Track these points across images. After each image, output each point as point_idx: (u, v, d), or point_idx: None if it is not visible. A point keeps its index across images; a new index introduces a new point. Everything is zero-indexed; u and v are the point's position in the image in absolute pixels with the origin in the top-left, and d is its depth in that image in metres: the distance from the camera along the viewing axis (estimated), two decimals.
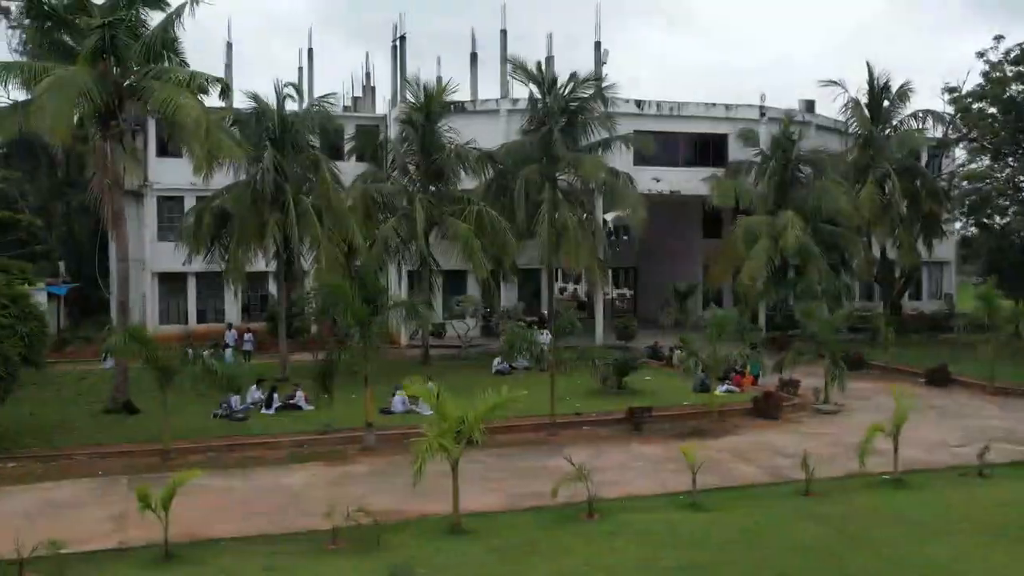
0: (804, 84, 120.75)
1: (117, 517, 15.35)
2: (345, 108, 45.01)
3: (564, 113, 34.88)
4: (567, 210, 33.07)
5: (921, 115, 39.42)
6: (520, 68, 34.44)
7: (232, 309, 40.67)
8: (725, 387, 27.12)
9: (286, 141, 27.66)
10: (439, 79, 32.94)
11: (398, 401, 23.99)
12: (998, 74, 36.14)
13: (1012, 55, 36.25)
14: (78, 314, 43.94)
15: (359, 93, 51.43)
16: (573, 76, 33.99)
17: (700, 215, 45.17)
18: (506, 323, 35.95)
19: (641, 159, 39.10)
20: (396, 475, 18.79)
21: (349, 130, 36.66)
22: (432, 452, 14.11)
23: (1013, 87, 36.19)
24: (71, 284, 41.12)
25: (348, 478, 18.14)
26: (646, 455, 20.29)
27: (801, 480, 17.10)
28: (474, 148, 32.68)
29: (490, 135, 36.15)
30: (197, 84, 22.84)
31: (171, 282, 39.84)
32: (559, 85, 34.35)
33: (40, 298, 38.03)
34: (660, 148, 39.71)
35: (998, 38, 36.45)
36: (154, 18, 23.57)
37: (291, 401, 24.30)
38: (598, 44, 38.69)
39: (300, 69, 49.24)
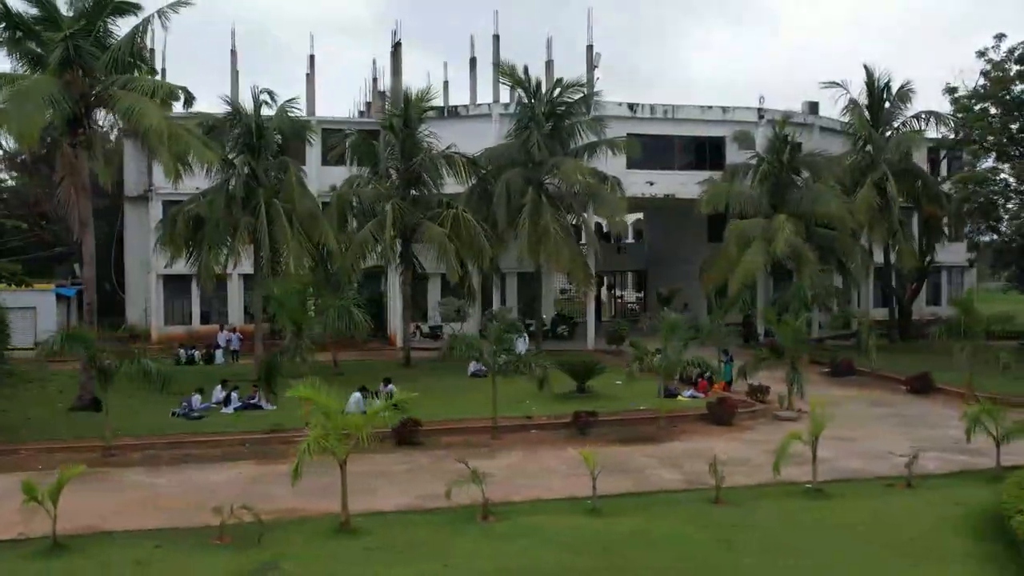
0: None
1: (29, 510, 15.98)
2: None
3: (550, 117, 35.02)
4: (549, 214, 33.12)
5: (924, 116, 38.47)
6: (506, 73, 34.67)
7: (236, 310, 41.75)
8: (690, 392, 26.97)
9: (263, 146, 28.34)
10: (445, 83, 33.47)
11: (352, 402, 24.35)
12: (999, 73, 35.04)
13: (1017, 53, 35.12)
14: (106, 315, 45.49)
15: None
16: (559, 81, 34.08)
17: (705, 219, 44.73)
18: (490, 326, 36.24)
19: (635, 162, 38.96)
20: (323, 474, 19.22)
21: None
22: (312, 453, 14.37)
23: (1018, 86, 35.06)
24: (80, 285, 42.52)
25: (272, 477, 18.54)
26: (576, 459, 20.29)
27: (710, 487, 17.09)
28: (456, 152, 32.97)
29: (483, 139, 36.46)
30: (164, 92, 23.58)
31: (176, 284, 41.06)
32: (544, 90, 34.48)
33: (49, 299, 39.82)
34: (655, 151, 39.53)
35: (999, 36, 35.39)
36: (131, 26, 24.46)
37: (252, 401, 24.90)
38: (590, 48, 38.65)
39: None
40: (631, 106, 38.72)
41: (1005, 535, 13.57)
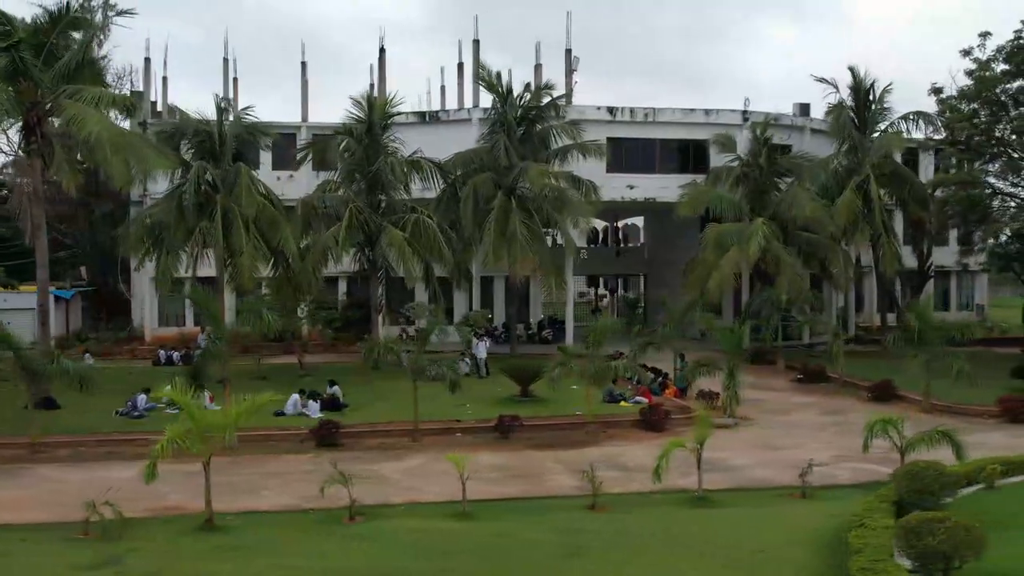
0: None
1: None
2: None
3: (522, 122, 35.15)
4: (518, 218, 33.21)
5: (912, 117, 37.50)
6: (481, 77, 34.89)
7: (228, 313, 42.69)
8: (635, 399, 26.82)
9: (223, 152, 29.08)
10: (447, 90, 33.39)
11: (290, 404, 24.86)
12: (984, 73, 33.98)
13: (1005, 51, 34.03)
14: (107, 316, 47.04)
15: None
16: (527, 86, 34.19)
17: (699, 223, 44.27)
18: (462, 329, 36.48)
19: (615, 166, 38.86)
20: (222, 473, 19.69)
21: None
22: (167, 452, 14.80)
23: (1013, 84, 33.96)
24: (82, 288, 44.06)
25: (174, 475, 19.03)
26: (481, 463, 20.42)
27: (604, 493, 17.11)
28: (423, 157, 33.32)
29: (463, 143, 36.64)
30: (108, 101, 24.40)
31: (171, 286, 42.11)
32: (515, 94, 34.63)
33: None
34: (635, 155, 39.38)
35: (984, 35, 34.29)
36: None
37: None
38: (568, 51, 38.63)
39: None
40: (610, 109, 38.58)
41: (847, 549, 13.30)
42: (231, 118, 29.99)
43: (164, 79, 44.03)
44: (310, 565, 13.39)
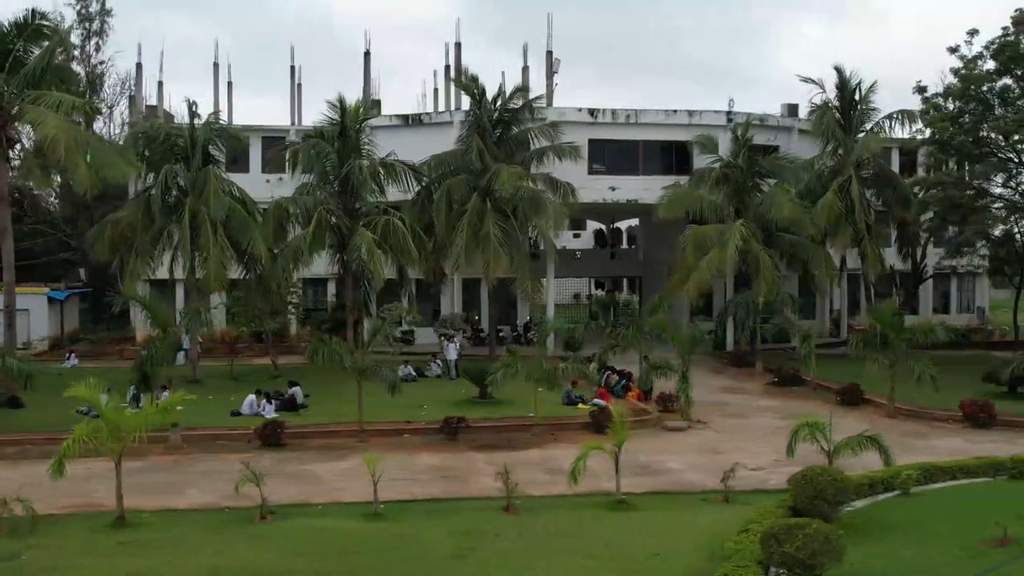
0: None
1: None
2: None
3: (498, 124, 35.21)
4: (491, 220, 33.25)
5: (898, 116, 36.93)
6: (456, 79, 35.01)
7: (219, 314, 43.27)
8: (592, 401, 26.73)
9: (194, 155, 29.51)
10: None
11: (246, 404, 25.15)
12: (974, 71, 33.33)
13: (992, 48, 33.38)
14: (108, 318, 47.91)
15: None
16: (500, 88, 34.29)
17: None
18: (442, 330, 36.67)
19: (597, 168, 38.79)
20: (158, 471, 20.08)
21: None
22: (75, 451, 15.07)
23: (998, 82, 33.32)
24: (78, 290, 44.89)
25: (109, 473, 19.34)
26: (417, 464, 20.56)
27: (525, 495, 17.15)
28: (397, 160, 33.51)
29: (444, 146, 36.80)
30: (68, 107, 24.91)
31: (161, 288, 42.81)
32: (490, 97, 34.70)
33: (41, 302, 42.12)
34: (618, 156, 39.27)
35: (972, 32, 33.64)
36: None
37: (158, 402, 25.91)
38: (550, 54, 38.62)
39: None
40: (591, 111, 38.48)
41: None
42: (226, 120, 30.31)
43: (160, 83, 44.73)
44: (201, 562, 13.56)
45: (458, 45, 39.18)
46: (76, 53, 48.44)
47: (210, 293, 30.59)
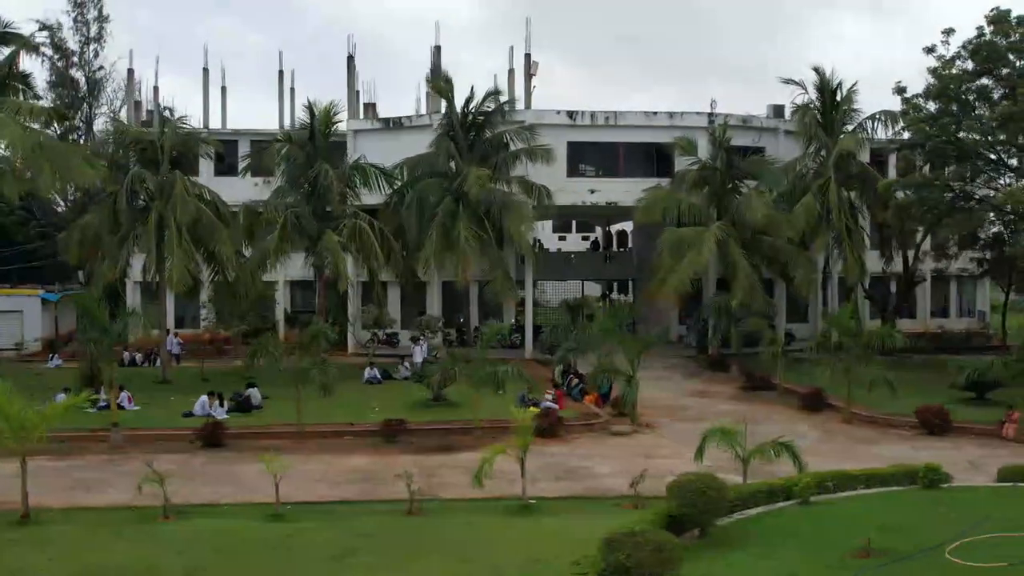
0: None
1: None
2: None
3: (472, 127, 35.28)
4: (463, 223, 33.29)
5: (880, 117, 36.24)
6: (430, 81, 35.17)
7: (209, 315, 43.88)
8: (545, 404, 26.63)
9: (162, 160, 30.00)
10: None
11: (198, 405, 25.45)
12: (950, 71, 32.59)
13: (969, 47, 32.60)
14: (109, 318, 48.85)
15: None
16: (471, 91, 34.37)
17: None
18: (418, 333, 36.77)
19: (576, 171, 38.65)
20: (88, 469, 20.44)
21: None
22: None
23: (975, 83, 32.55)
24: (72, 292, 45.79)
25: (42, 470, 19.62)
26: (344, 466, 20.67)
27: (434, 498, 17.27)
28: (368, 163, 33.72)
29: (423, 149, 36.90)
30: (26, 112, 25.49)
31: (151, 290, 43.51)
32: (467, 100, 34.82)
33: (34, 303, 43.11)
34: (597, 159, 39.11)
35: (948, 31, 32.88)
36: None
37: (118, 401, 26.37)
38: (528, 56, 38.52)
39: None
40: (570, 114, 38.32)
41: None
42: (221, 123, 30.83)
43: (155, 88, 45.39)
44: (82, 559, 13.82)
45: (437, 48, 39.28)
46: (75, 59, 49.42)
47: (168, 294, 31.03)
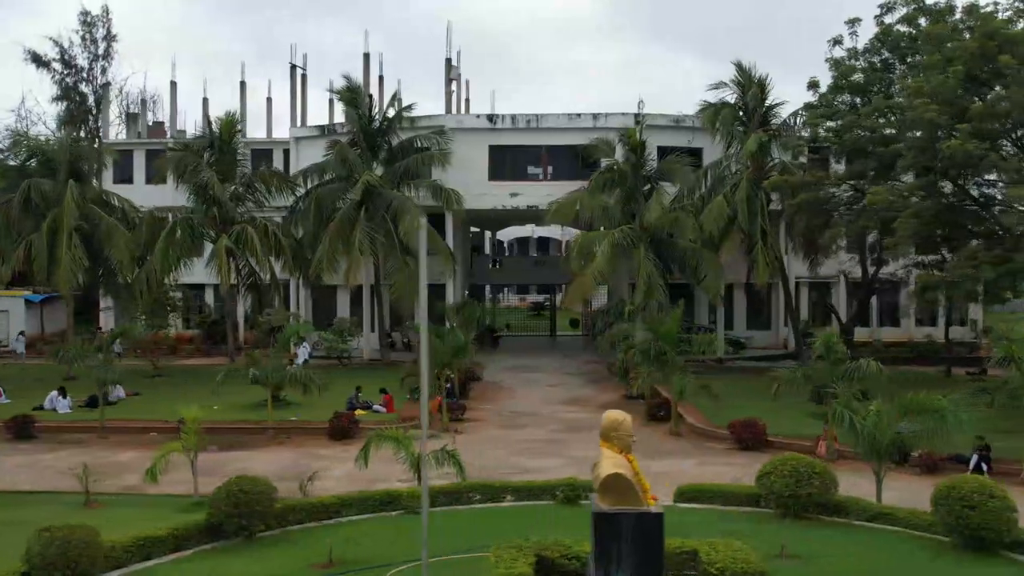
0: None
1: None
2: None
3: (379, 133, 35.80)
4: (360, 227, 33.80)
5: (802, 113, 34.30)
6: (335, 90, 35.99)
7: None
8: (376, 406, 26.81)
9: (60, 169, 32.05)
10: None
11: (48, 399, 26.95)
12: (857, 63, 30.63)
13: (888, 39, 30.55)
14: (96, 320, 51.76)
15: None
16: (369, 97, 34.80)
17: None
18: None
19: (498, 174, 38.48)
20: None
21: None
22: None
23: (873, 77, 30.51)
24: (52, 294, 49.05)
25: None
26: (115, 460, 21.53)
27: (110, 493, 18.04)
28: (269, 170, 34.80)
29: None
30: None
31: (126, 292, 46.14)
32: (363, 107, 35.38)
33: (19, 305, 46.50)
34: (519, 162, 38.81)
35: (853, 22, 30.84)
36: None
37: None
38: (448, 61, 38.65)
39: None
40: (490, 117, 38.23)
41: None
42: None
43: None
44: None
45: (366, 55, 39.99)
46: (84, 75, 52.94)
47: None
